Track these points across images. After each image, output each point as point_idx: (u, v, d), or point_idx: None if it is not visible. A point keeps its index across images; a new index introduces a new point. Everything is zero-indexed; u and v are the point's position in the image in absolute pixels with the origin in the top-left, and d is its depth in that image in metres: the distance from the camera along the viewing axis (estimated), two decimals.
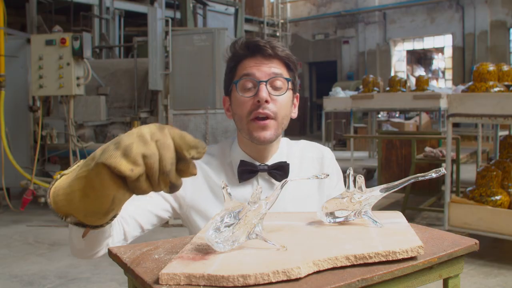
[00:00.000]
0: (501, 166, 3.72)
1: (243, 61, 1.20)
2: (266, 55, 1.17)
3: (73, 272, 3.28)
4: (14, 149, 4.99)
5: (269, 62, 1.18)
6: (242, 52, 1.20)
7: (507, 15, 12.51)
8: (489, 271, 3.16)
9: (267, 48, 1.17)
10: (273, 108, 1.15)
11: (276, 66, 1.18)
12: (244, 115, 1.17)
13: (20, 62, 5.30)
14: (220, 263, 0.68)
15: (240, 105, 1.18)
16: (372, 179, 6.74)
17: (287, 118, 1.21)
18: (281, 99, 1.17)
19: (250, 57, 1.19)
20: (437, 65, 16.68)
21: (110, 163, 0.61)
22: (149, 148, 0.62)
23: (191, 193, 1.20)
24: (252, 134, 1.17)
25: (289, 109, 1.22)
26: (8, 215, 4.90)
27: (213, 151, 1.26)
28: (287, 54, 1.20)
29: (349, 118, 8.53)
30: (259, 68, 1.17)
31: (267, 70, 1.17)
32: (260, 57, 1.18)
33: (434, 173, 0.85)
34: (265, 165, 1.20)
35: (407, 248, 0.72)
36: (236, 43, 1.22)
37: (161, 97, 5.57)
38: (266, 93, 1.15)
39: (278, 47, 1.19)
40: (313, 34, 16.42)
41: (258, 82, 1.15)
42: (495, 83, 3.59)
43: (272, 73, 1.17)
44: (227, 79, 1.24)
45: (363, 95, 6.42)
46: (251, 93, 1.16)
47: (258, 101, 1.14)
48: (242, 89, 1.18)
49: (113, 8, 8.71)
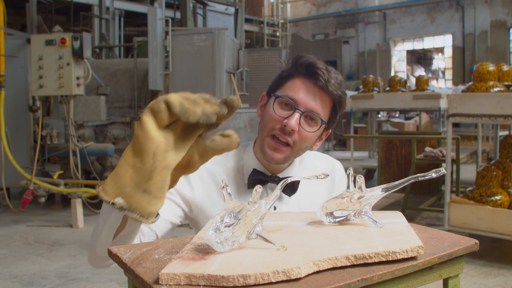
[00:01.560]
0: (501, 166, 3.72)
1: (297, 78, 1.16)
2: (319, 84, 1.13)
3: (73, 272, 3.28)
4: (14, 149, 4.99)
5: (318, 92, 1.14)
6: (301, 71, 1.16)
7: (507, 15, 12.51)
8: (489, 271, 3.16)
9: (322, 80, 1.13)
10: (295, 138, 1.14)
11: (322, 102, 1.15)
12: (268, 128, 1.16)
13: (20, 62, 5.30)
14: (220, 263, 0.68)
15: (269, 118, 1.16)
16: (372, 179, 6.74)
17: (305, 149, 1.19)
18: (307, 135, 1.15)
19: (305, 78, 1.15)
20: (437, 65, 16.68)
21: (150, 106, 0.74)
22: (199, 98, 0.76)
23: (200, 197, 1.20)
24: (264, 148, 1.16)
25: (311, 143, 1.19)
26: (8, 215, 4.90)
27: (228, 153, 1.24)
28: (339, 95, 1.16)
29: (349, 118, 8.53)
30: (306, 94, 1.14)
31: (312, 100, 1.14)
32: (313, 83, 1.14)
33: (434, 173, 0.85)
34: (276, 177, 1.20)
35: (407, 248, 0.72)
36: (301, 59, 1.17)
37: None
38: (297, 123, 1.12)
39: (334, 84, 1.14)
40: (313, 34, 16.42)
41: (295, 109, 1.13)
42: (495, 83, 3.59)
43: (313, 108, 1.13)
44: (274, 84, 1.21)
45: (363, 95, 6.42)
46: (284, 114, 1.14)
47: (285, 125, 1.12)
48: (279, 107, 1.15)
49: (113, 8, 8.70)
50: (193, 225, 1.26)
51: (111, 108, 5.74)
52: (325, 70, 1.14)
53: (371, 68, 14.78)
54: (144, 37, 6.53)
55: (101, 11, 8.48)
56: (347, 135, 6.71)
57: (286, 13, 16.46)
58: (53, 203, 5.24)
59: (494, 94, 3.41)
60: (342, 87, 1.17)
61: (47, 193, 4.71)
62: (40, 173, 5.19)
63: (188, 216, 1.23)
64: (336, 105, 1.17)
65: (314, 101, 1.14)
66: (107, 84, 5.76)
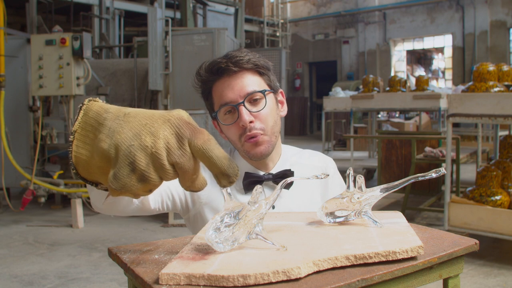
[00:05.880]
0: (501, 166, 3.72)
1: (213, 86, 1.18)
2: (232, 73, 1.15)
3: (73, 272, 3.28)
4: (14, 149, 4.99)
5: (238, 79, 1.15)
6: (208, 77, 1.18)
7: (507, 15, 12.50)
8: (489, 271, 3.16)
9: (231, 67, 1.14)
10: (259, 125, 1.15)
11: (246, 79, 1.16)
12: (236, 139, 1.18)
13: (20, 62, 5.30)
14: (220, 263, 0.68)
15: (228, 132, 1.18)
16: (372, 179, 6.73)
17: (276, 124, 1.20)
18: (264, 112, 1.16)
19: (217, 79, 1.17)
20: (437, 65, 16.67)
21: (126, 191, 0.58)
22: (167, 174, 0.58)
23: (208, 192, 1.21)
24: (249, 153, 1.18)
25: (276, 115, 1.20)
26: (8, 215, 4.90)
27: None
28: (253, 62, 1.17)
29: (349, 118, 8.53)
30: (232, 89, 1.15)
31: (239, 88, 1.15)
32: (227, 76, 1.15)
33: (434, 173, 0.85)
34: (270, 174, 1.21)
35: (407, 248, 0.72)
36: (200, 71, 1.20)
37: (161, 97, 5.57)
38: (247, 114, 1.14)
39: (241, 59, 1.15)
40: (313, 34, 16.42)
41: (236, 106, 1.14)
42: (495, 83, 3.59)
43: (245, 91, 1.14)
44: (208, 107, 1.23)
45: (363, 95, 6.42)
46: (233, 119, 1.16)
47: (243, 126, 1.14)
48: (224, 119, 1.17)
49: (113, 8, 8.70)
50: (192, 221, 1.26)
51: None
52: (223, 57, 1.16)
53: (371, 68, 14.78)
54: (144, 37, 6.53)
55: (101, 11, 8.48)
56: (347, 135, 6.71)
57: (286, 13, 16.45)
58: (53, 203, 5.24)
59: (494, 94, 3.41)
60: (248, 54, 1.17)
61: (47, 193, 4.71)
62: (40, 173, 5.20)
63: (189, 207, 1.23)
64: (260, 71, 1.18)
65: (241, 86, 1.15)
66: (107, 84, 5.76)
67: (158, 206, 1.15)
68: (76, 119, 0.65)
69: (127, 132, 0.58)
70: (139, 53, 6.20)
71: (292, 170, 1.22)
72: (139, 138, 0.57)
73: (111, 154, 0.59)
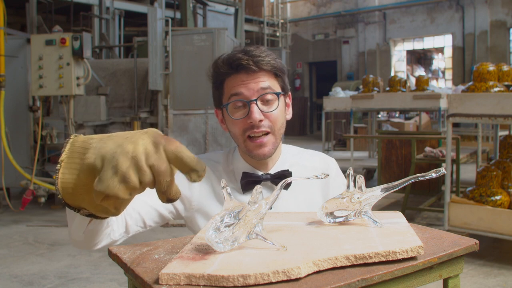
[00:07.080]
0: (501, 166, 3.72)
1: (228, 79, 1.17)
2: (251, 71, 1.14)
3: (73, 272, 3.28)
4: (14, 149, 4.99)
5: (255, 78, 1.14)
6: (226, 70, 1.16)
7: (507, 15, 12.51)
8: (489, 271, 3.16)
9: (251, 66, 1.13)
10: (268, 124, 1.15)
11: (263, 79, 1.15)
12: (239, 134, 1.17)
13: (20, 62, 5.30)
14: (220, 263, 0.68)
15: (233, 125, 1.17)
16: (372, 179, 6.73)
17: (283, 126, 1.20)
18: (275, 113, 1.16)
19: (234, 74, 1.16)
20: (437, 65, 16.67)
21: (109, 192, 0.63)
22: (145, 176, 0.63)
23: (198, 197, 1.21)
24: (251, 152, 1.17)
25: (284, 117, 1.20)
26: (8, 215, 4.90)
27: (219, 159, 1.26)
28: (272, 64, 1.16)
29: (349, 118, 8.53)
30: (247, 86, 1.14)
31: (255, 86, 1.14)
32: (245, 74, 1.14)
33: (434, 173, 0.85)
34: (268, 174, 1.20)
35: (407, 248, 0.72)
36: (218, 61, 1.18)
37: (161, 97, 5.57)
38: (259, 113, 1.13)
39: (262, 60, 1.14)
40: (313, 34, 16.42)
41: (248, 102, 1.13)
42: (495, 83, 3.59)
43: (261, 89, 1.14)
44: (216, 95, 1.22)
45: (363, 95, 6.42)
46: (243, 114, 1.15)
47: (251, 122, 1.13)
48: (233, 112, 1.16)
49: (113, 8, 8.70)
50: (188, 225, 1.26)
51: (111, 108, 5.74)
52: (244, 54, 1.15)
53: (371, 68, 14.78)
54: (144, 37, 6.53)
55: (101, 11, 8.48)
56: (347, 135, 6.71)
57: (286, 13, 16.45)
58: (53, 203, 5.24)
59: (494, 94, 3.41)
60: (268, 55, 1.16)
61: (47, 193, 4.71)
62: (40, 173, 5.20)
63: (182, 215, 1.23)
64: (276, 73, 1.18)
65: (257, 84, 1.14)
66: (107, 84, 5.76)
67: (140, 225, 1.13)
68: (62, 152, 0.70)
69: (111, 145, 0.65)
70: (139, 53, 6.20)
71: (290, 171, 1.21)
72: (122, 147, 0.64)
73: (97, 166, 0.65)
